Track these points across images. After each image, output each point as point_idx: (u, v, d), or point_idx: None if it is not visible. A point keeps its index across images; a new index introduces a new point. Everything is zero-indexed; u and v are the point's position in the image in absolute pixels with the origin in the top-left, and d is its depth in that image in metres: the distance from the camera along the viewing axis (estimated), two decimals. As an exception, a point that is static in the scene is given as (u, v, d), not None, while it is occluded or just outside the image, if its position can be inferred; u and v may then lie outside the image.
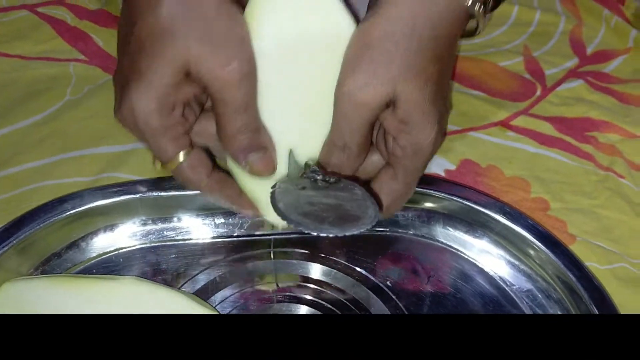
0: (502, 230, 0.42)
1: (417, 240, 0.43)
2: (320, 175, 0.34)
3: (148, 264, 0.41)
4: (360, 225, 0.30)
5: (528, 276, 0.42)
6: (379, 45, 0.33)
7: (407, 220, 0.44)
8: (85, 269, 0.41)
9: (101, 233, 0.42)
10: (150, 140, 0.33)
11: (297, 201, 0.32)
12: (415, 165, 0.35)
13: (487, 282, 0.42)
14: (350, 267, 0.42)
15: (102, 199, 0.41)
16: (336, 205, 0.32)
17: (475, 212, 0.43)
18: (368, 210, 0.32)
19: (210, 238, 0.43)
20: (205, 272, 0.41)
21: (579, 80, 0.56)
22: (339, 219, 0.31)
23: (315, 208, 0.32)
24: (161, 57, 0.31)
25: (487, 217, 0.42)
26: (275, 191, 0.33)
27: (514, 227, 0.42)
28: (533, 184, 0.47)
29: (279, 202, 0.32)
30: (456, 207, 0.43)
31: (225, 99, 0.32)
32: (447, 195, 0.43)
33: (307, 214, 0.31)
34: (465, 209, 0.43)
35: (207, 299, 0.40)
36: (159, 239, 0.43)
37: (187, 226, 0.43)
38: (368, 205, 0.32)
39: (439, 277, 0.42)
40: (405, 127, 0.34)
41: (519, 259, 0.42)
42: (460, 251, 0.43)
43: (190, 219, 0.43)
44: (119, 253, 0.42)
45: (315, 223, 0.31)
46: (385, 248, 0.43)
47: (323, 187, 0.34)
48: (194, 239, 0.43)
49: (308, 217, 0.31)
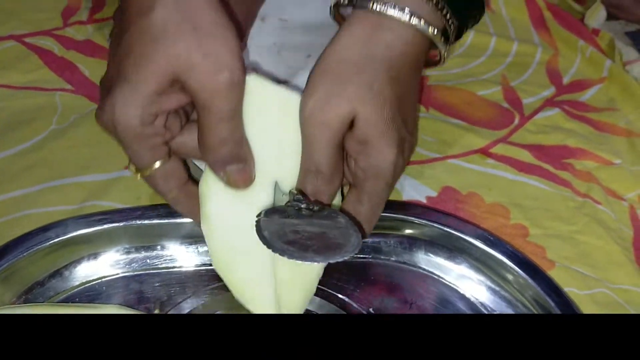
0: (482, 257, 0.43)
1: (399, 266, 0.44)
2: (304, 203, 0.35)
3: (131, 292, 0.41)
4: (343, 253, 0.31)
5: (508, 302, 0.42)
6: (336, 68, 0.34)
7: (389, 246, 0.44)
8: (68, 297, 0.41)
9: (84, 261, 0.42)
10: (128, 145, 0.33)
11: (282, 229, 0.33)
12: (376, 188, 0.36)
13: (468, 307, 0.42)
14: (332, 294, 0.42)
15: (86, 227, 0.41)
16: (320, 233, 0.33)
17: (456, 238, 0.43)
18: (351, 239, 0.32)
19: (194, 266, 0.43)
20: (189, 300, 0.41)
21: (556, 109, 0.58)
22: (323, 247, 0.32)
23: (299, 236, 0.32)
24: (149, 62, 0.31)
25: (467, 243, 0.43)
26: (260, 220, 0.33)
27: (494, 253, 0.42)
28: (512, 210, 0.48)
29: (263, 230, 0.32)
30: (437, 234, 0.44)
31: (211, 108, 0.32)
32: (429, 222, 0.44)
33: (291, 242, 0.32)
34: (446, 236, 0.44)
35: None
36: (142, 267, 0.43)
37: (171, 254, 0.43)
38: (351, 234, 0.33)
39: (420, 304, 0.42)
40: (364, 149, 0.35)
41: (499, 285, 0.42)
42: (441, 277, 0.43)
43: (173, 246, 0.43)
44: (102, 281, 0.42)
45: (299, 251, 0.31)
46: (367, 275, 0.43)
47: (307, 215, 0.34)
48: (177, 267, 0.43)
49: (293, 245, 0.32)
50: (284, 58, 0.54)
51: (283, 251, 0.31)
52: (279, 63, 0.53)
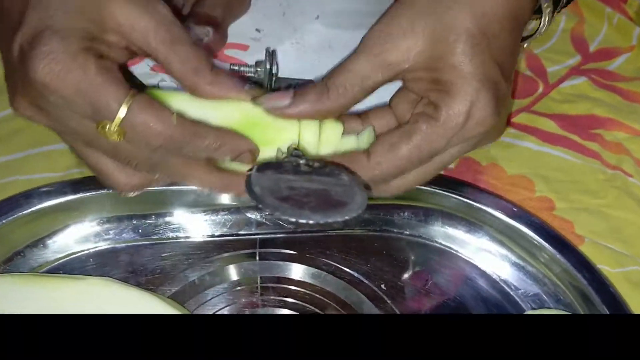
0: (506, 230, 0.40)
1: (414, 241, 0.41)
2: (303, 159, 0.31)
3: (121, 264, 0.38)
4: (347, 211, 0.28)
5: (534, 279, 0.39)
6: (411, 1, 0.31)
7: (403, 219, 0.41)
8: (52, 269, 0.38)
9: (70, 231, 0.39)
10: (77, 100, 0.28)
11: (276, 185, 0.29)
12: (439, 136, 0.31)
13: (489, 285, 0.39)
14: (342, 269, 0.39)
15: (72, 194, 0.39)
16: (320, 190, 0.29)
17: (477, 210, 0.40)
18: (355, 197, 0.29)
19: (190, 237, 0.40)
20: (183, 274, 0.38)
21: (582, 78, 0.54)
22: (323, 205, 0.28)
23: (295, 192, 0.29)
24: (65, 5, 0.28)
25: (489, 215, 0.40)
26: (251, 174, 0.30)
27: (519, 227, 0.39)
28: (537, 182, 0.45)
29: (254, 185, 0.29)
30: (456, 205, 0.40)
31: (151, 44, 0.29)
32: (446, 192, 0.40)
33: (285, 199, 0.28)
34: (465, 207, 0.40)
35: (184, 302, 0.37)
36: (133, 238, 0.40)
37: (164, 224, 0.40)
38: (356, 191, 0.29)
39: (437, 281, 0.39)
40: (439, 87, 0.31)
41: (524, 261, 0.39)
42: (460, 253, 0.40)
43: (167, 216, 0.40)
44: (90, 252, 0.39)
45: (293, 208, 0.28)
46: (379, 249, 0.40)
47: (306, 171, 0.31)
48: (171, 238, 0.40)
49: (287, 202, 0.28)
50: (290, 19, 0.50)
51: (275, 208, 0.28)
52: (284, 24, 0.50)
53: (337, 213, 0.27)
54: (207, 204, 0.40)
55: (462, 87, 0.31)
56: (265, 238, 0.40)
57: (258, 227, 0.40)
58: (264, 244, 0.40)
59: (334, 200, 0.28)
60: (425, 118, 0.32)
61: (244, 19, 0.49)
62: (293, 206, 0.27)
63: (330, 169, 0.31)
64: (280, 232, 0.40)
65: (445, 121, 0.31)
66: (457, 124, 0.31)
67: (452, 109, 0.31)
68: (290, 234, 0.40)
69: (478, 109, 0.31)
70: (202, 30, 0.44)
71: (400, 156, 0.32)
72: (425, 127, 0.31)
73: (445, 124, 0.31)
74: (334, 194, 0.29)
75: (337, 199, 0.28)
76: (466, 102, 0.31)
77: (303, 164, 0.31)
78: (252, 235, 0.40)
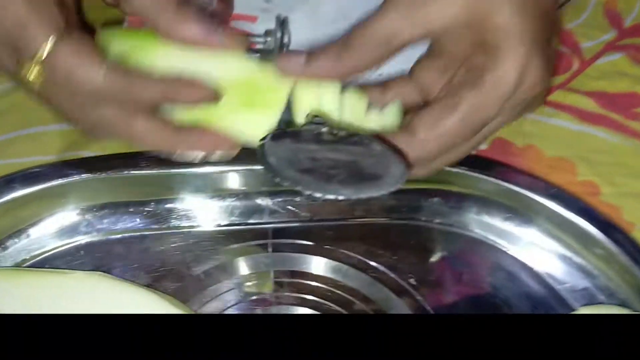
0: (551, 217, 0.36)
1: (446, 230, 0.37)
2: (325, 126, 0.27)
3: (117, 257, 0.36)
4: (383, 185, 0.24)
5: (583, 272, 0.35)
6: None
7: (432, 206, 0.38)
8: (37, 262, 0.35)
9: (58, 220, 0.36)
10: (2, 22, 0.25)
11: (295, 156, 0.25)
12: (488, 105, 0.29)
13: (532, 279, 0.36)
14: (365, 261, 0.36)
15: (60, 178, 0.35)
16: (348, 161, 0.26)
17: (517, 195, 0.36)
18: (391, 167, 0.25)
19: (194, 227, 0.37)
20: (186, 268, 0.35)
21: (619, 54, 0.52)
22: (353, 177, 0.24)
23: (319, 164, 0.25)
24: None
25: (530, 201, 0.36)
26: (265, 143, 0.26)
27: (565, 213, 0.36)
28: (579, 165, 0.42)
29: (269, 156, 0.25)
30: (493, 190, 0.37)
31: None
32: (482, 174, 0.37)
33: (307, 171, 0.24)
34: (504, 192, 0.37)
35: (187, 300, 0.34)
36: (129, 228, 0.37)
37: (164, 212, 0.37)
38: (391, 161, 0.25)
39: (473, 275, 0.36)
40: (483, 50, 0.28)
41: (571, 251, 0.36)
42: (498, 243, 0.37)
43: (167, 203, 0.37)
44: (80, 244, 0.36)
45: (318, 182, 0.24)
46: (407, 240, 0.37)
47: (329, 140, 0.27)
48: (172, 227, 0.37)
49: (310, 175, 0.24)
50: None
51: (295, 181, 0.24)
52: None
53: (371, 187, 0.23)
54: (212, 189, 0.37)
55: (512, 48, 0.28)
56: (278, 227, 0.37)
57: (270, 215, 0.37)
58: (277, 234, 0.37)
59: (366, 172, 0.25)
60: (470, 86, 0.29)
61: (252, -14, 0.46)
62: (317, 179, 0.23)
63: (359, 137, 0.27)
64: (294, 221, 0.37)
65: (494, 87, 0.28)
66: (508, 90, 0.29)
67: (502, 73, 0.28)
68: (306, 223, 0.37)
69: (529, 72, 0.29)
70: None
71: (448, 131, 0.29)
72: (472, 95, 0.29)
73: (495, 91, 0.29)
74: (366, 166, 0.25)
75: (369, 172, 0.25)
76: (517, 66, 0.28)
77: (326, 132, 0.27)
78: (263, 224, 0.37)
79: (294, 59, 0.29)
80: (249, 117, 0.29)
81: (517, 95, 0.29)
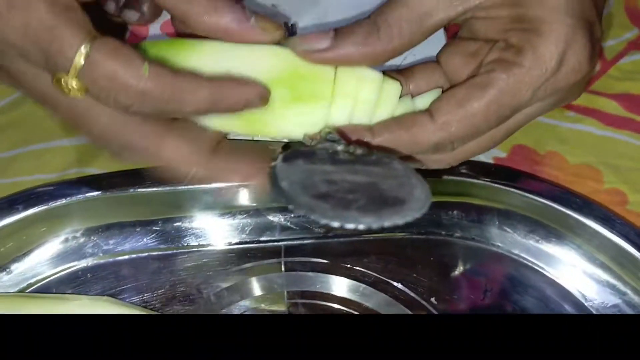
0: (577, 230, 0.35)
1: (467, 244, 0.36)
2: (341, 144, 0.26)
3: (124, 279, 0.35)
4: (407, 211, 0.22)
5: (612, 287, 0.34)
6: None
7: (452, 219, 0.36)
8: (43, 286, 0.34)
9: (63, 241, 0.35)
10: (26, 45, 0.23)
11: (309, 178, 0.23)
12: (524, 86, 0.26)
13: (559, 295, 0.34)
14: (382, 280, 0.34)
15: (64, 198, 0.34)
16: (367, 183, 0.24)
17: (541, 207, 0.35)
18: (415, 190, 0.23)
19: (204, 246, 0.36)
20: (197, 290, 0.34)
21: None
22: (374, 203, 0.22)
23: (335, 188, 0.23)
24: None
25: (555, 212, 0.35)
26: (276, 165, 0.24)
27: (593, 225, 0.34)
28: (605, 172, 0.40)
29: (281, 179, 0.23)
30: (515, 201, 0.36)
31: None
32: (503, 185, 0.35)
33: (324, 196, 0.22)
34: (527, 204, 0.35)
35: None
36: (137, 249, 0.36)
37: (173, 231, 0.36)
38: (414, 183, 0.23)
39: (496, 292, 0.34)
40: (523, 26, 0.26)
41: (600, 266, 0.34)
42: (522, 257, 0.35)
43: (176, 222, 0.36)
44: (87, 266, 0.35)
45: (336, 209, 0.22)
46: (426, 255, 0.36)
47: (346, 160, 0.25)
48: (182, 247, 0.36)
49: (326, 201, 0.22)
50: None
51: (310, 208, 0.22)
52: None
53: (394, 214, 0.21)
54: (222, 206, 0.36)
55: (555, 24, 0.26)
56: (291, 245, 0.36)
57: (282, 231, 0.36)
58: (289, 251, 0.35)
59: (388, 196, 0.23)
60: (505, 65, 0.26)
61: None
62: (335, 206, 0.22)
63: (378, 155, 0.25)
64: (308, 238, 0.36)
65: (533, 66, 0.26)
66: (548, 70, 0.26)
67: (542, 52, 0.25)
68: (319, 240, 0.36)
69: (573, 52, 0.26)
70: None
71: (474, 113, 0.26)
72: (505, 75, 0.26)
73: (533, 70, 0.26)
74: (387, 189, 0.23)
75: (391, 195, 0.23)
76: (560, 44, 0.25)
77: (342, 150, 0.25)
78: (275, 241, 0.36)
79: (318, 40, 0.26)
80: (300, 110, 0.27)
81: (557, 78, 0.26)
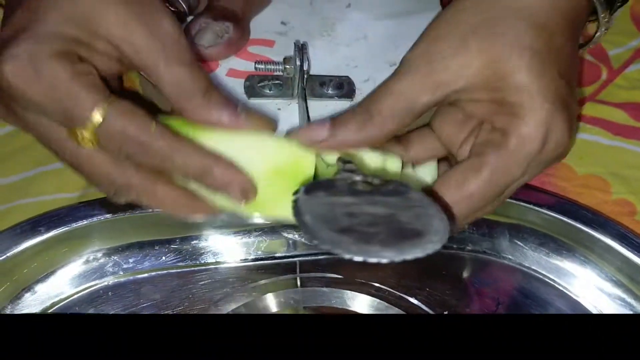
0: (585, 242, 0.35)
1: (478, 257, 0.37)
2: (359, 175, 0.26)
3: (144, 297, 0.35)
4: (427, 244, 0.22)
5: (624, 301, 0.34)
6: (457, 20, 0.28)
7: (463, 233, 0.37)
8: (66, 306, 0.35)
9: (85, 261, 0.36)
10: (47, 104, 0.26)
11: (331, 212, 0.24)
12: (513, 167, 0.28)
13: (571, 308, 0.35)
14: (398, 294, 0.35)
15: (85, 219, 0.35)
16: (387, 215, 0.24)
17: (550, 220, 0.35)
18: (433, 222, 0.23)
19: (220, 263, 0.36)
20: (214, 307, 0.35)
21: None
22: (394, 235, 0.22)
23: (357, 221, 0.23)
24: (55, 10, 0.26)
25: (565, 225, 0.35)
26: (298, 199, 0.24)
27: (603, 238, 0.34)
28: (613, 183, 0.40)
29: (304, 214, 0.23)
30: (525, 215, 0.36)
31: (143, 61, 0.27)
32: (513, 199, 0.35)
33: (346, 231, 0.23)
34: (536, 217, 0.36)
35: None
36: (156, 267, 0.36)
37: (191, 250, 0.37)
38: (432, 214, 0.23)
39: (509, 304, 0.35)
40: (504, 110, 0.27)
41: (611, 280, 0.35)
42: (533, 270, 0.36)
43: (193, 240, 0.37)
44: (109, 285, 0.36)
45: (358, 243, 0.22)
46: (438, 269, 0.36)
47: (365, 190, 0.25)
48: (199, 265, 0.36)
49: (348, 235, 0.22)
50: (318, 9, 0.45)
51: (334, 243, 0.22)
52: (312, 15, 0.45)
53: (415, 247, 0.22)
54: (238, 224, 0.36)
55: (534, 109, 0.27)
56: (305, 260, 0.36)
57: (297, 247, 0.37)
58: (304, 267, 0.36)
59: (407, 228, 0.23)
60: (494, 148, 0.28)
61: (267, 12, 0.45)
62: (357, 240, 0.22)
63: (395, 185, 0.26)
64: (322, 253, 0.36)
65: (519, 149, 0.27)
66: (533, 150, 0.27)
67: (526, 135, 0.27)
68: (334, 255, 0.35)
69: (554, 132, 0.27)
70: (222, 26, 0.40)
71: (473, 194, 0.28)
72: (496, 157, 0.28)
73: (519, 152, 0.27)
74: (405, 220, 0.23)
75: (410, 227, 0.23)
76: (541, 127, 0.27)
77: (360, 180, 0.26)
78: (290, 257, 0.36)
79: (316, 131, 0.28)
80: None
81: (542, 155, 0.28)
